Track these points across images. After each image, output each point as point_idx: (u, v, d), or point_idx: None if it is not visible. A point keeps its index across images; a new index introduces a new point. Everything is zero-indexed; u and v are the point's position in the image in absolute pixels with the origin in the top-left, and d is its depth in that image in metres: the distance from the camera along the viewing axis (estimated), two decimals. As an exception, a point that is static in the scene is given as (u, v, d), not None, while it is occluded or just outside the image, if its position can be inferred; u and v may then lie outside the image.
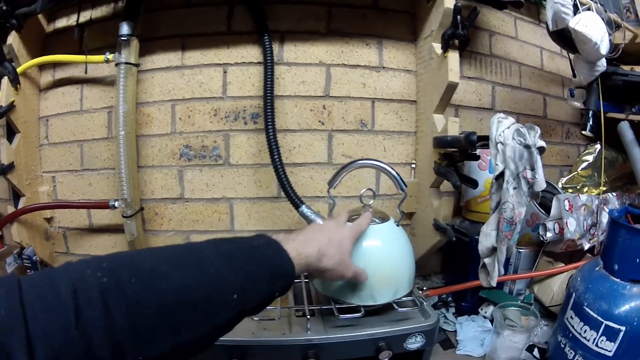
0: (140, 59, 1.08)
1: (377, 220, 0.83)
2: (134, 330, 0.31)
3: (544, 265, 1.10)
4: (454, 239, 0.93)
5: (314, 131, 1.07)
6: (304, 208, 0.99)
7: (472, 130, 0.83)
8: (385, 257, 0.81)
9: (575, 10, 0.93)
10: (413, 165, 1.13)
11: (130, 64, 1.06)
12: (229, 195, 1.06)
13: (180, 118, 1.07)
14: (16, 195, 1.22)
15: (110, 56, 1.04)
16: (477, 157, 0.88)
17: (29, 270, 1.20)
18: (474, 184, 0.90)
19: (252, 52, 1.07)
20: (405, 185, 0.84)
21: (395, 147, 1.12)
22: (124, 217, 1.06)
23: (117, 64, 1.05)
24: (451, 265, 1.16)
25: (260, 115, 1.06)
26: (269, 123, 1.01)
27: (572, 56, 1.07)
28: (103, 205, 1.08)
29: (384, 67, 1.12)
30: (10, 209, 1.21)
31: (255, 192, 1.06)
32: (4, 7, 1.17)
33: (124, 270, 0.33)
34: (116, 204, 1.06)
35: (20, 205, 1.18)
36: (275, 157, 1.00)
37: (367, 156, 1.10)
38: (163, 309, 0.33)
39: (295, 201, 1.00)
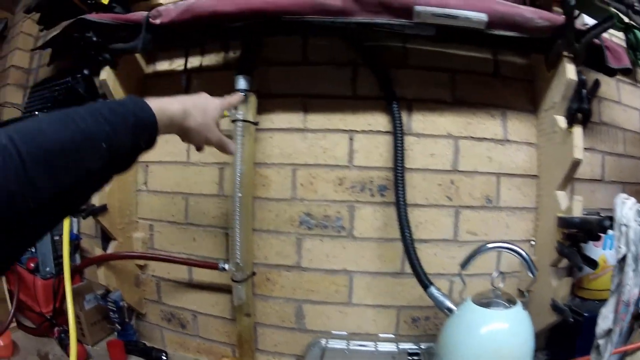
0: (258, 117, 0.99)
1: (505, 304, 0.80)
2: (24, 179, 0.35)
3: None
4: (572, 320, 0.90)
5: (441, 207, 1.00)
6: (432, 289, 0.93)
7: (586, 205, 0.84)
8: (513, 345, 0.79)
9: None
10: (532, 243, 1.08)
11: (248, 121, 0.97)
12: (350, 267, 1.00)
13: (301, 184, 0.99)
14: (106, 237, 1.14)
15: (224, 112, 0.94)
16: (599, 237, 0.84)
17: (112, 314, 1.13)
18: (594, 265, 0.87)
19: (379, 120, 0.99)
20: (537, 270, 0.80)
21: (516, 224, 1.06)
22: (233, 280, 0.99)
23: (233, 120, 0.96)
24: (558, 341, 1.13)
25: (389, 188, 0.98)
26: (400, 197, 0.94)
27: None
28: (210, 265, 1.00)
29: (508, 140, 1.04)
30: (98, 250, 1.13)
31: (378, 266, 1.00)
32: (94, 39, 1.06)
33: (16, 132, 0.37)
34: (226, 266, 0.98)
35: (110, 249, 1.10)
36: (406, 233, 0.93)
37: (490, 233, 1.03)
38: (45, 159, 0.38)
39: (424, 281, 0.94)
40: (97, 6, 1.12)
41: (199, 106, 0.64)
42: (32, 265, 1.25)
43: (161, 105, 0.55)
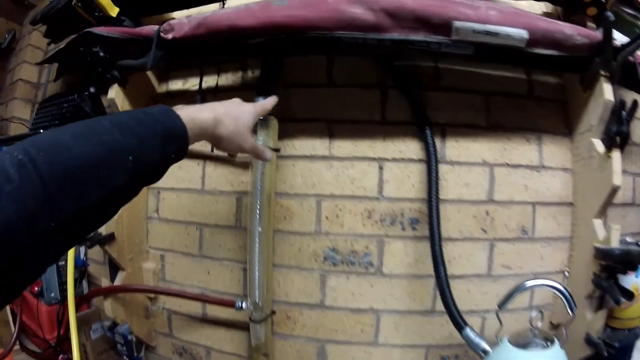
0: (279, 142, 0.85)
1: (543, 344, 0.69)
2: (44, 198, 0.31)
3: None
4: (606, 354, 0.79)
5: (476, 240, 0.87)
6: (468, 331, 0.80)
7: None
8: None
9: None
10: (566, 274, 0.95)
11: (269, 148, 0.83)
12: (377, 306, 0.86)
13: (326, 217, 0.85)
14: (114, 266, 1.00)
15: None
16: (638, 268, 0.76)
17: (120, 346, 0.99)
18: (630, 296, 0.77)
19: (411, 147, 0.85)
20: (576, 307, 0.69)
21: (551, 255, 0.92)
22: (251, 320, 0.85)
23: (253, 147, 0.82)
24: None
25: (421, 220, 0.85)
26: (435, 232, 0.80)
27: None
28: (227, 303, 0.87)
29: (543, 166, 0.91)
30: (105, 280, 0.99)
31: (407, 304, 0.86)
32: (101, 54, 0.91)
33: (33, 147, 0.33)
34: (243, 305, 0.85)
35: (118, 280, 0.96)
36: (441, 270, 0.80)
37: (525, 266, 0.90)
38: (66, 175, 0.33)
39: (459, 322, 0.80)
40: (104, 19, 0.98)
41: (231, 113, 0.57)
42: (36, 289, 1.11)
43: (191, 114, 0.49)
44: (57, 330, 1.07)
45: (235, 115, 0.58)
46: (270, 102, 0.71)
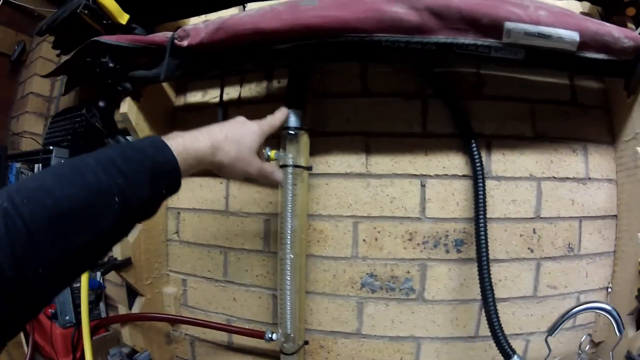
0: (311, 159, 0.66)
1: None
2: (29, 245, 0.27)
3: None
4: None
5: (522, 260, 0.69)
6: (516, 359, 0.63)
7: None
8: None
9: None
10: (609, 290, 0.78)
11: (300, 166, 0.64)
12: (418, 334, 0.68)
13: (364, 240, 0.66)
14: (132, 291, 0.80)
15: (271, 153, 0.59)
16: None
17: None
18: None
19: (454, 162, 0.66)
20: (624, 327, 0.57)
21: (595, 272, 0.75)
22: (282, 353, 0.67)
23: (282, 165, 0.63)
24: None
25: (466, 242, 0.66)
26: (483, 254, 0.62)
27: None
28: (255, 334, 0.68)
29: (589, 178, 0.73)
30: (122, 308, 0.79)
31: (450, 331, 0.68)
32: (111, 64, 0.71)
33: (18, 194, 0.28)
34: (274, 336, 0.66)
35: (137, 306, 0.77)
36: (489, 296, 0.62)
37: (570, 285, 0.72)
38: (50, 221, 0.28)
39: (507, 350, 0.63)
40: (114, 27, 0.77)
41: (231, 137, 0.45)
42: (50, 311, 0.91)
43: (185, 143, 0.40)
44: (72, 355, 0.88)
45: (237, 138, 0.46)
46: (278, 117, 0.55)
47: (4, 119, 1.20)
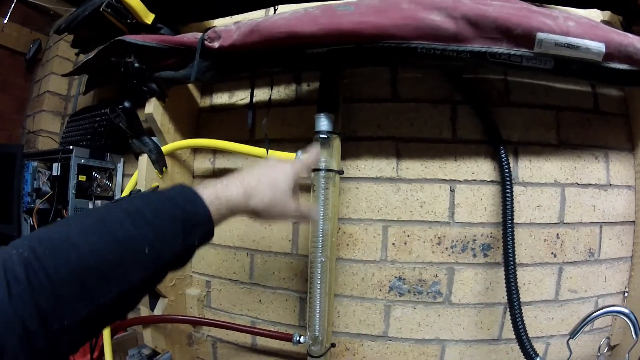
0: (342, 163, 0.64)
1: None
2: (54, 299, 0.25)
3: None
4: None
5: (545, 265, 0.68)
6: None
7: None
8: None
9: None
10: (625, 294, 0.78)
11: (332, 170, 0.62)
12: (443, 337, 0.67)
13: (393, 243, 0.65)
14: (153, 293, 0.78)
15: (303, 156, 0.58)
16: None
17: None
18: None
19: (483, 168, 0.65)
20: None
21: (613, 276, 0.75)
22: (310, 355, 0.65)
23: (315, 169, 0.61)
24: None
25: (492, 247, 0.66)
26: (510, 258, 0.61)
27: None
28: (282, 337, 0.66)
29: (610, 185, 0.73)
30: (145, 309, 0.77)
31: (474, 334, 0.68)
32: (136, 64, 0.69)
33: (41, 245, 0.27)
34: (301, 339, 0.65)
35: (159, 308, 0.75)
36: (514, 300, 0.61)
37: (590, 289, 0.72)
38: (75, 276, 0.26)
39: (530, 353, 0.62)
40: (138, 27, 0.74)
41: (264, 181, 0.42)
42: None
43: (217, 192, 0.38)
44: (90, 355, 0.85)
45: (270, 182, 0.42)
46: (312, 157, 0.50)
47: (19, 117, 1.17)
